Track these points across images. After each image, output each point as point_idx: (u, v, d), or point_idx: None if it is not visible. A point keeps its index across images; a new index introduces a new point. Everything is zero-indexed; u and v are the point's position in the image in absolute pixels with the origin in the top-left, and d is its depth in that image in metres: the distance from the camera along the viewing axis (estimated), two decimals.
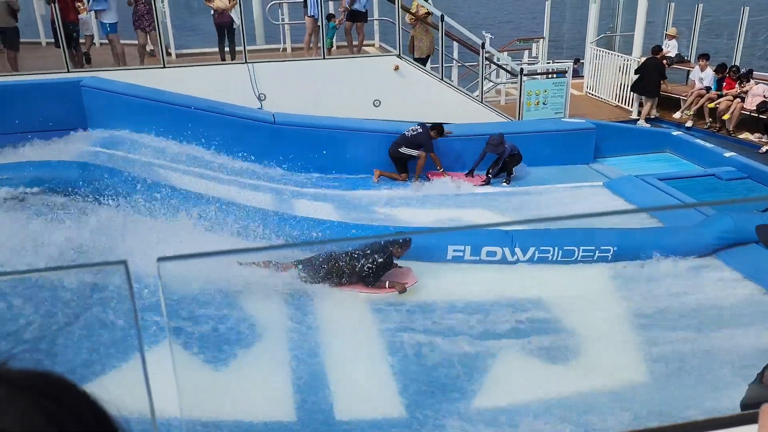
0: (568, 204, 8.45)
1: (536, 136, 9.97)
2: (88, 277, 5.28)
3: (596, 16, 14.04)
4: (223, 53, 11.46)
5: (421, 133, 8.97)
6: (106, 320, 5.02)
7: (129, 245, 6.03)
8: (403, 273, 6.36)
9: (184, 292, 5.42)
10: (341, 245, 6.23)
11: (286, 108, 9.85)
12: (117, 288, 5.19)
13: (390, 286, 6.09)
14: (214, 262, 5.50)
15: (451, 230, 7.76)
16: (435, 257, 6.66)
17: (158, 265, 0.82)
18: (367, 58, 11.75)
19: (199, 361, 4.86)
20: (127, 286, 0.86)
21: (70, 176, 6.78)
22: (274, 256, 6.11)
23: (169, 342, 4.26)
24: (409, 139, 8.98)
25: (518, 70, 11.25)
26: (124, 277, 0.80)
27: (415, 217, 7.95)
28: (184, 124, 9.01)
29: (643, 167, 10.06)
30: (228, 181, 8.26)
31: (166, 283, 4.47)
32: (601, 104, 13.10)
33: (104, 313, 5.08)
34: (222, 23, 11.17)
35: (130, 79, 9.56)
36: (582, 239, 6.78)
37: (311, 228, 6.81)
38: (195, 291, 5.49)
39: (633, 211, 8.51)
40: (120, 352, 4.73)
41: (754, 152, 10.38)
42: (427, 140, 8.94)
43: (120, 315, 5.00)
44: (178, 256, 0.85)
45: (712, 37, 19.16)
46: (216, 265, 5.41)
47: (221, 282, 5.65)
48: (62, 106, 8.77)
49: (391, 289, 6.09)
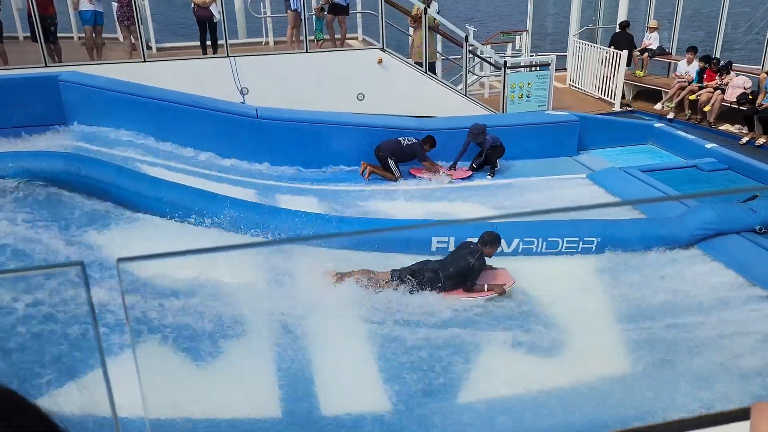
0: (553, 196, 8.49)
1: (520, 129, 10.00)
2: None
3: (579, 9, 14.10)
4: (204, 47, 11.36)
5: (415, 144, 9.02)
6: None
7: (117, 243, 5.99)
8: (499, 274, 6.27)
9: (172, 288, 5.39)
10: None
11: (269, 102, 9.77)
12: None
13: (489, 289, 6.01)
14: None
15: (437, 225, 7.73)
16: (419, 249, 6.65)
17: (118, 265, 0.79)
18: (351, 51, 11.70)
19: (182, 359, 4.81)
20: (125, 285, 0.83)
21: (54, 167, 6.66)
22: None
23: (132, 341, 4.20)
24: (403, 148, 8.96)
25: (502, 63, 11.26)
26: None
27: (401, 211, 7.93)
28: (166, 119, 8.91)
29: (626, 159, 10.14)
30: (210, 176, 8.18)
31: (148, 281, 4.40)
32: (584, 97, 13.17)
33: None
34: (202, 17, 11.07)
35: (109, 73, 9.43)
36: (566, 231, 6.81)
37: (304, 223, 6.75)
38: (183, 287, 5.46)
39: (614, 204, 8.56)
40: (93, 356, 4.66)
41: (734, 143, 10.49)
42: (420, 151, 8.99)
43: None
44: (138, 257, 0.82)
45: (693, 29, 19.33)
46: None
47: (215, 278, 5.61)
48: (40, 101, 8.61)
49: (490, 291, 5.99)
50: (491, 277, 6.20)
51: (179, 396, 4.29)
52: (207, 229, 6.52)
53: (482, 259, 6.01)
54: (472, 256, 5.95)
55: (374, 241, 6.54)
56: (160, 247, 5.07)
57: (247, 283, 5.73)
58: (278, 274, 5.95)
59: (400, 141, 9.01)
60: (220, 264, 5.62)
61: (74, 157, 6.92)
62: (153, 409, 3.62)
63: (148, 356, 4.73)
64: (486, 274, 6.16)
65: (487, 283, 6.06)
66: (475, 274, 5.96)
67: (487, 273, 6.20)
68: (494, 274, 6.27)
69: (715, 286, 6.27)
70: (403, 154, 8.98)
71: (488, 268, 6.23)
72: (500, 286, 6.04)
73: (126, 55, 11.03)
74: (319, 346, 5.11)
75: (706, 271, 6.55)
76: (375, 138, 9.35)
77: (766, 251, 6.52)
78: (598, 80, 12.88)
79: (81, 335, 4.52)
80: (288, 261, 6.17)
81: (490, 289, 6.00)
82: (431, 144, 9.09)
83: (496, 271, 6.31)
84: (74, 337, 4.52)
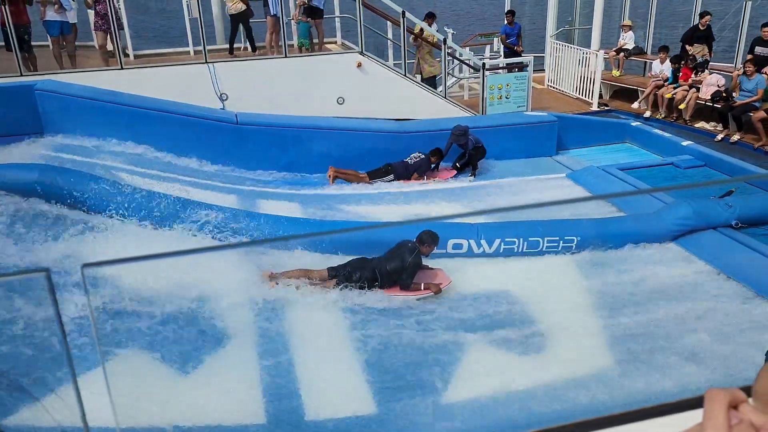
0: (533, 196, 8.55)
1: (500, 130, 10.07)
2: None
3: (555, 10, 14.24)
4: (232, 48, 12.15)
5: (422, 159, 9.18)
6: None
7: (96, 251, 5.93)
8: (435, 273, 6.32)
9: (149, 294, 5.35)
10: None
11: (249, 107, 9.75)
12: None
13: (425, 288, 6.05)
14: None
15: (417, 222, 7.74)
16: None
17: (82, 271, 0.80)
18: (330, 55, 11.71)
19: (163, 367, 4.78)
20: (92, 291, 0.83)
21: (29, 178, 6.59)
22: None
23: (99, 350, 4.16)
24: (409, 167, 9.13)
25: (480, 64, 11.34)
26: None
27: (384, 214, 7.94)
28: (145, 127, 8.84)
29: (604, 158, 10.26)
30: (190, 183, 8.13)
31: (128, 286, 4.35)
32: (562, 97, 13.29)
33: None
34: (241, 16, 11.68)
35: (86, 81, 9.33)
36: (546, 230, 6.87)
37: (285, 227, 6.73)
38: (162, 293, 5.42)
39: (588, 199, 8.67)
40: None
41: (710, 141, 10.65)
42: (426, 165, 9.20)
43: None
44: (103, 262, 0.82)
45: (668, 28, 19.58)
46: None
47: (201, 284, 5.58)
48: (15, 111, 8.51)
49: (426, 290, 6.04)
50: (428, 276, 6.25)
51: (152, 405, 4.26)
52: (185, 237, 6.48)
53: (419, 258, 6.07)
54: (409, 254, 6.00)
55: (358, 245, 6.54)
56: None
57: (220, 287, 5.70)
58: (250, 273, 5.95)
59: (407, 161, 9.19)
60: (197, 268, 5.59)
61: (49, 168, 6.85)
62: (124, 418, 3.61)
63: (120, 365, 4.70)
64: (423, 274, 6.20)
65: (423, 282, 6.10)
66: (411, 272, 6.00)
67: (425, 272, 6.24)
68: (431, 273, 6.32)
69: (692, 280, 6.36)
70: (408, 173, 9.13)
71: (425, 267, 6.27)
72: (437, 285, 6.09)
73: (103, 62, 10.93)
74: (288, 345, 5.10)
75: (682, 266, 6.64)
76: (356, 141, 9.36)
77: (743, 246, 6.63)
78: (575, 80, 13.01)
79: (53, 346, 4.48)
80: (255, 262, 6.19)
81: (427, 288, 6.06)
82: (439, 156, 9.25)
83: (432, 270, 6.36)
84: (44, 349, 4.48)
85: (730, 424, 0.70)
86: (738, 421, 0.70)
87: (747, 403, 0.72)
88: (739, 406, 0.71)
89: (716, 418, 0.70)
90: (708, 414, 0.71)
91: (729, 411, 0.71)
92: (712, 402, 0.72)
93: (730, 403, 0.71)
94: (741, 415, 0.71)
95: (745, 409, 0.71)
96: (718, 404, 0.71)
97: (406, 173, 9.12)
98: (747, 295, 6.06)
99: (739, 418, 0.71)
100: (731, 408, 0.71)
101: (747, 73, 10.52)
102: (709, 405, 0.72)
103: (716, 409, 0.71)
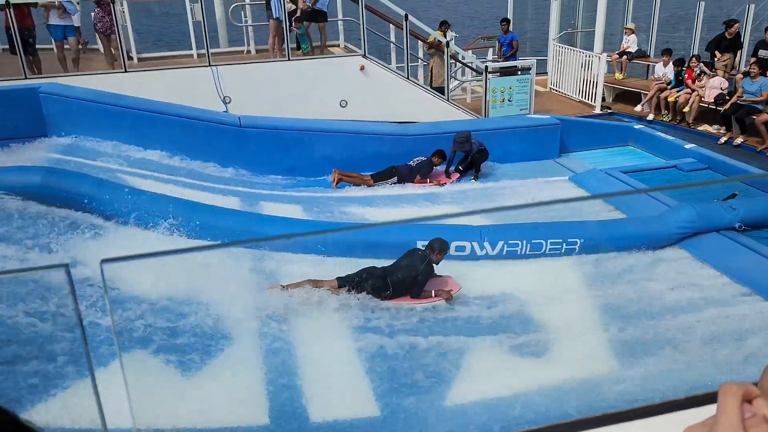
0: (536, 198, 8.55)
1: (502, 133, 10.08)
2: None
3: (558, 13, 14.24)
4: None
5: (425, 161, 9.26)
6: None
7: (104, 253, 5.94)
8: (444, 280, 6.27)
9: (158, 295, 5.37)
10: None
11: (252, 111, 9.77)
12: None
13: (436, 295, 6.01)
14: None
15: (416, 221, 7.73)
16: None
17: (101, 266, 0.81)
18: (333, 58, 11.73)
19: (169, 367, 4.78)
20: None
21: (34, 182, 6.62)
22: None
23: (117, 344, 4.16)
24: (412, 169, 9.18)
25: (483, 67, 11.34)
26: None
27: (387, 216, 7.95)
28: (148, 130, 8.87)
29: (607, 161, 10.26)
30: (194, 186, 8.15)
31: (122, 286, 4.35)
32: (565, 100, 13.29)
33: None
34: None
35: (90, 84, 9.37)
36: (549, 232, 6.86)
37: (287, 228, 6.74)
38: (168, 295, 5.43)
39: (588, 198, 8.66)
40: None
41: (713, 144, 10.63)
42: (428, 168, 9.29)
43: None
44: (123, 258, 0.83)
45: (670, 32, 19.58)
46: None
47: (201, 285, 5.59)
48: (20, 113, 8.55)
49: (437, 298, 6.00)
50: (438, 283, 6.20)
51: (168, 405, 4.27)
52: (189, 240, 6.50)
53: (430, 266, 6.01)
54: (420, 263, 5.95)
55: (362, 247, 6.55)
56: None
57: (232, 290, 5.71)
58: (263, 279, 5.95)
59: (410, 164, 9.24)
60: (206, 270, 5.61)
61: (53, 171, 6.87)
62: (127, 419, 3.61)
63: (135, 365, 4.71)
64: (433, 281, 6.14)
65: (434, 289, 6.07)
66: (423, 281, 5.96)
67: (434, 279, 6.18)
68: (441, 280, 6.27)
69: (696, 283, 6.35)
70: (412, 176, 9.17)
71: (435, 275, 6.21)
72: (447, 291, 6.04)
73: (107, 65, 10.97)
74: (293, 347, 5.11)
75: (686, 269, 6.63)
76: (358, 144, 9.38)
77: (746, 249, 6.62)
78: (578, 83, 13.01)
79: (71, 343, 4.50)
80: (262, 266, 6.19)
81: (438, 295, 6.01)
82: (441, 156, 9.31)
83: (442, 277, 6.30)
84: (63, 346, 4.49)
85: (743, 418, 0.70)
86: (751, 415, 0.71)
87: (761, 398, 0.73)
88: (753, 401, 0.72)
89: (730, 412, 0.71)
90: (722, 407, 0.72)
91: (743, 405, 0.71)
92: (725, 396, 0.72)
93: (744, 397, 0.72)
94: (755, 409, 0.71)
95: (759, 404, 0.72)
96: (732, 398, 0.72)
97: (410, 176, 9.14)
98: (750, 297, 6.05)
99: (752, 411, 0.71)
100: (745, 402, 0.72)
101: (751, 75, 10.51)
102: (723, 399, 0.72)
103: (730, 403, 0.71)
